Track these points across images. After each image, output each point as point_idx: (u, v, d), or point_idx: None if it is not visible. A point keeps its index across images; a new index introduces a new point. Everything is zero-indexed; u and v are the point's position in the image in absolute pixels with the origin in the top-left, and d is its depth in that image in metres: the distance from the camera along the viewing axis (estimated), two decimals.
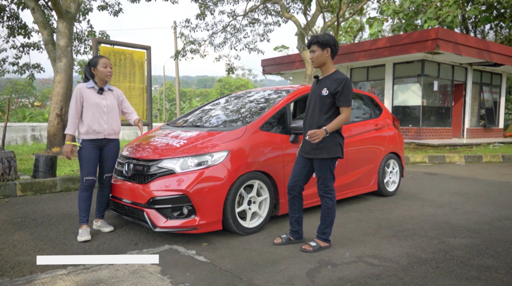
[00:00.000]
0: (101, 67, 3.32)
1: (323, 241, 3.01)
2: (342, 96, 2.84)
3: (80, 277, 2.47)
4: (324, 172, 2.96)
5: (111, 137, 3.42)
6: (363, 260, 2.77)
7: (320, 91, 2.93)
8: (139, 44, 6.88)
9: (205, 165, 3.20)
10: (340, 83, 2.84)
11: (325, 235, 3.01)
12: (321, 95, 2.91)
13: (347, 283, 2.40)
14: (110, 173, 3.49)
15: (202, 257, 2.84)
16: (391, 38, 12.07)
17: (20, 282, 2.39)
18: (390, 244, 3.12)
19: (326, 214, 2.99)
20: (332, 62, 2.97)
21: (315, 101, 2.97)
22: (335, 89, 2.84)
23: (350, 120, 4.71)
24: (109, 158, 3.44)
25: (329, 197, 2.97)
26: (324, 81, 2.95)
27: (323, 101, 2.90)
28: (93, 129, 3.29)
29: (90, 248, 3.00)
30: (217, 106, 4.63)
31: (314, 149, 2.94)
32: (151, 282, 2.41)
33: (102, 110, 3.35)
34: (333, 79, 2.89)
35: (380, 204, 4.58)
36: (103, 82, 3.38)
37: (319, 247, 2.96)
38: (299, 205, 3.13)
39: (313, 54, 2.91)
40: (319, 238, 3.03)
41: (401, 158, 5.20)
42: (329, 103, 2.89)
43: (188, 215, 3.13)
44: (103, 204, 3.52)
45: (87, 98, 3.31)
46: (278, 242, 3.12)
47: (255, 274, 2.54)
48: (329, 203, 2.97)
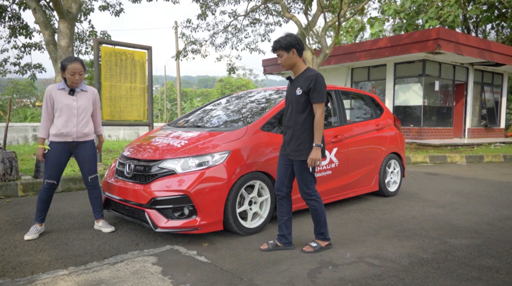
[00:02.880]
0: (68, 75, 3.20)
1: (322, 240, 2.99)
2: (315, 92, 2.79)
3: (81, 277, 2.48)
4: (304, 175, 2.89)
5: (82, 140, 3.34)
6: (364, 261, 2.77)
7: (294, 91, 2.90)
8: (140, 45, 6.88)
9: (206, 165, 3.20)
10: (312, 79, 2.79)
11: (323, 234, 2.99)
12: (296, 95, 2.88)
13: (348, 283, 2.40)
14: (93, 173, 3.43)
15: (203, 258, 2.85)
16: (392, 38, 12.06)
17: (21, 282, 2.39)
18: (391, 245, 3.11)
19: (316, 216, 2.95)
20: (301, 60, 2.92)
21: (291, 102, 2.93)
22: (308, 87, 2.80)
23: (351, 120, 4.70)
24: (85, 159, 3.37)
25: (313, 199, 2.93)
26: (296, 80, 2.92)
27: (298, 101, 2.87)
28: (61, 132, 3.23)
29: (91, 248, 3.01)
30: (218, 107, 4.63)
31: (294, 151, 2.90)
32: (152, 283, 2.41)
33: (72, 112, 3.26)
34: (305, 77, 2.85)
35: (381, 204, 4.58)
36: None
37: (320, 247, 2.94)
38: (288, 206, 3.05)
39: (281, 58, 2.88)
40: (318, 238, 3.01)
41: (402, 158, 5.20)
42: (304, 102, 2.85)
43: (189, 215, 3.13)
44: (98, 205, 3.48)
45: (58, 100, 3.23)
46: (265, 248, 2.98)
47: (256, 275, 2.54)
48: (315, 205, 2.93)
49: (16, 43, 13.18)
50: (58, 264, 2.68)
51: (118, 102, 6.64)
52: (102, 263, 2.71)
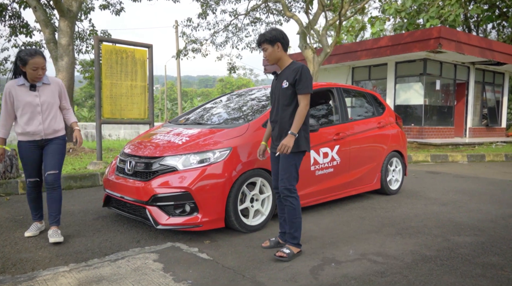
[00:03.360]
0: (30, 70, 2.93)
1: (295, 246, 2.80)
2: (301, 83, 2.72)
3: (82, 274, 2.46)
4: (288, 169, 2.77)
5: (51, 137, 3.12)
6: (367, 258, 2.75)
7: (280, 84, 2.83)
8: (140, 43, 6.86)
9: (208, 162, 3.18)
10: (297, 71, 2.74)
11: (296, 239, 2.81)
12: (282, 88, 2.81)
13: (351, 280, 2.38)
14: (53, 169, 3.05)
15: (204, 255, 2.83)
16: (393, 37, 12.04)
17: (22, 278, 2.37)
18: (394, 242, 3.09)
19: (292, 215, 2.79)
20: (286, 54, 2.86)
21: (278, 96, 2.86)
22: (294, 78, 2.74)
23: (353, 118, 4.68)
24: (49, 153, 3.09)
25: (293, 196, 2.79)
26: (282, 74, 2.86)
27: (284, 94, 2.80)
28: (27, 131, 3.02)
29: (92, 245, 2.99)
30: (219, 105, 4.61)
31: (278, 143, 2.82)
32: (153, 279, 2.39)
33: (36, 110, 3.01)
34: (291, 69, 2.80)
35: (383, 202, 4.55)
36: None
37: (293, 254, 2.74)
38: None
39: (265, 52, 2.82)
40: (291, 244, 2.81)
41: (404, 156, 5.17)
42: (290, 95, 2.78)
43: (191, 212, 3.11)
44: (54, 209, 3.09)
45: (18, 97, 2.98)
46: (266, 246, 2.95)
47: (258, 272, 2.52)
48: (294, 204, 2.78)
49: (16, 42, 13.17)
50: (58, 260, 2.66)
51: (119, 100, 6.62)
52: (103, 260, 2.69)
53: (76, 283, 2.32)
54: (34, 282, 2.32)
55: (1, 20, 12.06)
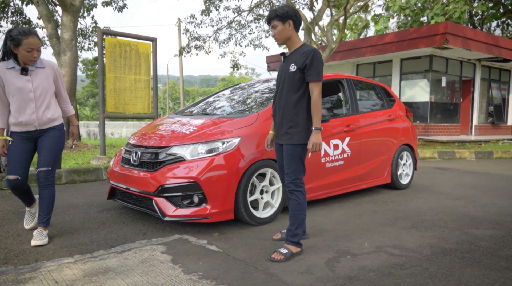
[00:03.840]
0: (24, 51, 2.58)
1: (294, 246, 2.55)
2: (311, 69, 2.48)
3: (88, 265, 2.35)
4: (293, 161, 2.54)
5: (46, 127, 2.79)
6: (383, 250, 2.63)
7: (287, 68, 2.59)
8: (144, 36, 6.76)
9: (216, 152, 3.07)
10: (308, 55, 2.48)
11: (296, 237, 2.57)
12: (289, 72, 2.56)
13: (369, 272, 2.26)
14: (47, 166, 2.73)
15: (214, 247, 2.72)
16: (398, 33, 11.90)
17: (25, 270, 2.27)
18: (410, 235, 2.98)
19: (297, 210, 2.56)
20: (297, 35, 2.61)
21: (284, 80, 2.61)
22: (303, 63, 2.49)
23: (363, 110, 4.57)
24: (43, 147, 2.76)
25: (299, 190, 2.56)
26: (291, 56, 2.61)
27: (291, 79, 2.55)
28: (20, 121, 2.70)
29: (97, 237, 2.88)
30: (224, 97, 4.50)
31: (284, 134, 2.58)
32: (162, 271, 2.29)
33: (28, 96, 2.68)
34: (300, 52, 2.54)
35: (394, 196, 4.44)
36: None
37: (291, 254, 2.49)
38: None
39: (275, 30, 2.56)
40: (290, 243, 2.56)
41: (415, 150, 5.05)
42: (298, 80, 2.53)
43: (199, 203, 3.00)
44: (44, 209, 2.76)
45: (8, 83, 2.65)
46: (278, 238, 2.82)
47: (270, 264, 2.41)
48: (300, 198, 2.56)
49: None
50: (63, 252, 2.56)
51: (123, 94, 6.52)
52: (108, 252, 2.59)
53: (81, 274, 2.22)
54: (37, 273, 2.22)
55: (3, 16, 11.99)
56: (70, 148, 8.03)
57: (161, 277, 2.21)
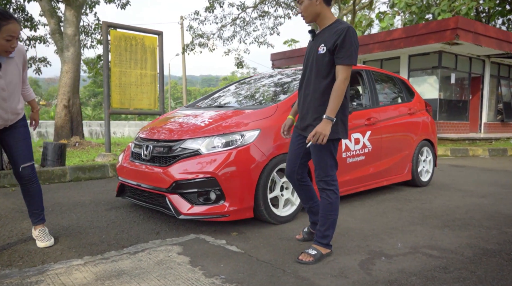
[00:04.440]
0: (3, 40, 2.15)
1: (324, 247, 2.32)
2: (343, 50, 2.12)
3: (99, 267, 2.14)
4: (322, 157, 2.27)
5: (14, 122, 2.43)
6: (420, 251, 2.42)
7: (317, 48, 2.25)
8: (150, 29, 6.55)
9: (234, 145, 2.86)
10: (340, 34, 2.13)
11: (327, 238, 2.33)
12: (318, 54, 2.23)
13: (411, 276, 2.05)
14: (28, 161, 2.45)
15: (234, 247, 2.51)
16: (407, 28, 11.67)
17: (30, 272, 2.06)
18: (444, 235, 2.76)
19: (328, 211, 2.31)
20: (328, 10, 2.26)
21: (311, 63, 2.29)
22: (334, 43, 2.14)
23: (383, 103, 4.35)
24: (17, 142, 2.42)
25: (331, 189, 2.31)
26: (321, 35, 2.26)
27: (320, 62, 2.23)
28: None
29: (107, 237, 2.67)
30: (235, 89, 4.28)
31: (310, 126, 2.28)
32: (181, 274, 2.08)
33: (0, 95, 2.27)
34: (332, 31, 2.18)
35: (416, 194, 4.22)
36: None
37: (320, 255, 2.28)
38: (307, 193, 2.53)
39: (301, 6, 2.24)
40: (319, 244, 2.33)
41: (435, 146, 4.83)
42: (327, 63, 2.20)
43: (216, 200, 2.79)
44: (36, 206, 2.52)
45: None
46: (300, 238, 2.61)
47: (299, 266, 2.20)
48: (331, 197, 2.31)
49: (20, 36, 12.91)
50: (71, 253, 2.35)
51: (128, 89, 6.31)
52: (121, 253, 2.38)
53: (93, 277, 2.01)
54: (44, 276, 2.01)
55: None
56: (73, 145, 7.83)
57: (181, 280, 2.00)
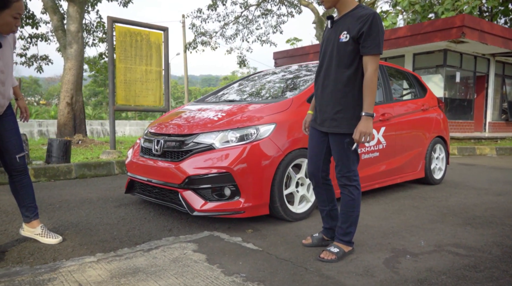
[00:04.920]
0: (10, 17, 2.03)
1: (346, 245, 2.23)
2: (369, 39, 1.98)
3: (113, 265, 2.05)
4: (344, 153, 2.14)
5: (5, 108, 2.27)
6: (445, 250, 2.32)
7: (337, 36, 2.09)
8: (156, 25, 6.46)
9: (250, 139, 2.76)
10: (366, 21, 1.98)
11: (349, 236, 2.23)
12: (340, 42, 2.07)
13: (441, 275, 1.95)
14: (22, 151, 2.32)
15: (251, 245, 2.41)
16: (412, 26, 11.57)
17: (42, 270, 1.97)
18: (467, 233, 2.66)
19: (350, 208, 2.19)
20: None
21: (331, 52, 2.12)
22: (359, 31, 2.00)
23: (396, 99, 4.25)
24: (9, 130, 2.26)
25: (353, 185, 2.18)
26: (341, 22, 2.09)
27: (343, 51, 2.07)
28: None
29: (119, 234, 2.58)
30: (245, 84, 4.19)
31: (330, 120, 2.14)
32: (199, 272, 1.98)
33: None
34: (355, 17, 2.03)
35: (430, 191, 4.12)
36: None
37: (343, 253, 2.18)
38: (329, 194, 2.35)
39: None
40: (341, 241, 2.23)
41: (447, 143, 4.74)
42: (351, 53, 2.05)
43: (231, 196, 2.69)
44: (31, 198, 2.37)
45: None
46: (308, 243, 2.37)
47: (321, 264, 2.11)
48: (354, 193, 2.18)
49: (22, 34, 12.79)
50: (83, 250, 2.26)
51: (133, 86, 6.22)
52: (134, 250, 2.28)
53: (107, 275, 1.92)
54: (57, 274, 1.91)
55: None
56: (76, 143, 7.73)
57: (200, 279, 1.91)
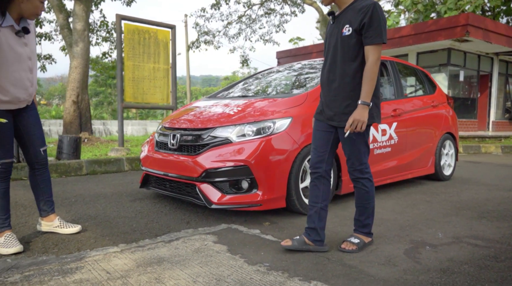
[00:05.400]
0: (38, 1, 2.08)
1: (366, 236, 2.25)
2: (371, 29, 1.98)
3: (137, 254, 2.07)
4: (356, 146, 2.12)
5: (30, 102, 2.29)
6: (463, 241, 2.34)
7: (340, 31, 2.09)
8: (163, 23, 6.49)
9: (266, 133, 2.78)
10: (367, 12, 1.98)
11: (367, 227, 2.26)
12: (343, 36, 2.07)
13: (463, 265, 1.97)
14: (45, 145, 2.37)
15: (270, 236, 2.43)
16: (416, 25, 11.60)
17: (68, 259, 1.99)
18: (484, 226, 2.68)
19: (365, 200, 2.20)
20: None
21: (335, 46, 2.12)
22: (361, 22, 2.00)
23: (407, 95, 4.27)
24: (33, 124, 2.28)
25: (366, 177, 2.18)
26: (343, 16, 2.11)
27: (347, 44, 2.07)
28: (16, 97, 2.10)
29: (138, 226, 2.60)
30: (256, 80, 4.21)
31: (340, 114, 2.11)
32: (222, 262, 2.00)
33: (27, 65, 2.12)
34: (356, 9, 2.03)
35: (440, 187, 4.14)
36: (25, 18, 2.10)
37: (363, 244, 2.20)
38: (325, 190, 2.21)
39: None
40: (360, 232, 2.25)
41: (456, 139, 4.76)
42: (355, 45, 2.05)
43: (249, 189, 2.71)
44: (50, 192, 2.40)
45: (6, 47, 2.02)
46: (288, 245, 2.15)
47: (343, 254, 2.13)
48: (367, 185, 2.19)
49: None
50: (105, 241, 2.28)
51: (141, 83, 6.24)
52: (155, 241, 2.30)
53: (133, 264, 1.94)
54: (83, 263, 1.93)
55: None
56: (82, 141, 7.75)
57: (224, 268, 1.93)
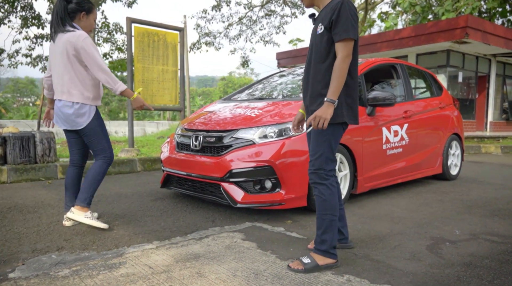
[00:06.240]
0: (93, 20, 2.63)
1: (321, 255, 1.96)
2: (338, 25, 1.88)
3: (173, 251, 2.16)
4: (319, 146, 1.97)
5: None
6: (481, 238, 2.46)
7: (316, 30, 2.05)
8: (172, 25, 6.57)
9: (288, 135, 2.89)
10: (335, 9, 1.90)
11: (324, 244, 1.96)
12: (317, 35, 2.01)
13: (484, 259, 2.09)
14: None
15: (295, 234, 2.53)
16: (416, 27, 11.77)
17: (109, 255, 2.07)
18: (497, 223, 2.80)
19: (322, 210, 1.97)
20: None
21: (311, 47, 2.08)
22: (330, 20, 1.92)
23: (416, 97, 4.39)
24: None
25: (324, 184, 1.96)
26: (319, 16, 2.06)
27: (319, 43, 1.99)
28: (100, 94, 2.67)
29: (166, 224, 2.69)
30: (270, 83, 4.30)
31: (311, 112, 2.04)
32: (255, 257, 2.10)
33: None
34: (328, 8, 1.97)
35: (449, 186, 4.27)
36: None
37: (314, 266, 1.92)
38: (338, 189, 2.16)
39: None
40: (316, 251, 1.98)
41: (462, 140, 4.89)
42: (326, 43, 1.95)
43: (272, 188, 2.81)
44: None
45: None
46: (313, 248, 2.07)
47: (368, 250, 2.23)
48: (325, 194, 1.96)
49: (27, 34, 12.82)
50: (139, 238, 2.37)
51: (150, 85, 6.32)
52: (186, 238, 2.40)
53: (171, 260, 2.03)
54: (124, 259, 2.02)
55: (12, 11, 11.74)
56: None
57: (259, 263, 2.02)
